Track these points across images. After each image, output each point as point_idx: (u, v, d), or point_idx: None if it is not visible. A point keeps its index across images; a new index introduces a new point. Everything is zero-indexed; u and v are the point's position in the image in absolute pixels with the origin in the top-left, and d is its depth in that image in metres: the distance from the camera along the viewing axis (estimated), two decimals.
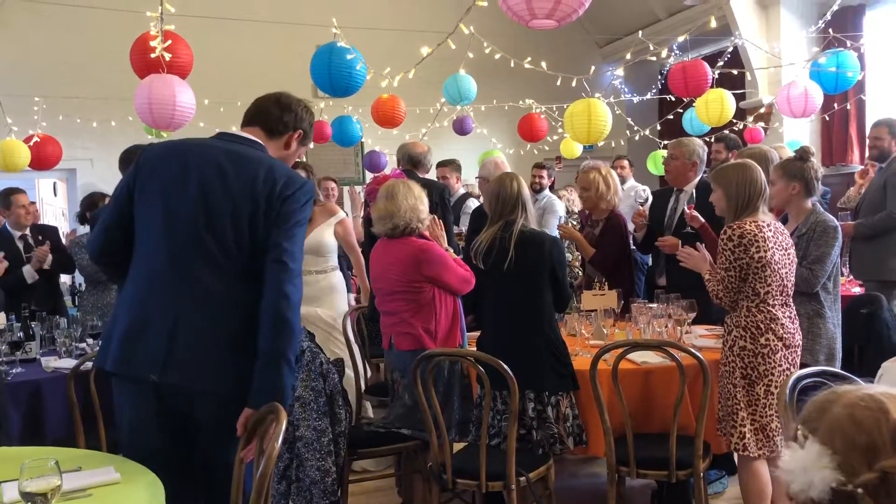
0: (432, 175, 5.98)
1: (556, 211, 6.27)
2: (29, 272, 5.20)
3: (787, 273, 3.20)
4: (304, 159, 11.08)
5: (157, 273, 2.33)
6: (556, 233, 5.08)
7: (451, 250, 3.80)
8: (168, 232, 2.33)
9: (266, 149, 2.48)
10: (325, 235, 4.39)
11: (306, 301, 4.19)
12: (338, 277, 4.50)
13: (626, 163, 7.43)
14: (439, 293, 3.57)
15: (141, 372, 2.29)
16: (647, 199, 4.78)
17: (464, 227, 5.63)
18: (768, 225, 3.17)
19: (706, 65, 6.20)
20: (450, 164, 6.44)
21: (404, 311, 3.57)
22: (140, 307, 2.33)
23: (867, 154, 5.70)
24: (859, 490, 0.99)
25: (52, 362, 3.83)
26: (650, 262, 5.12)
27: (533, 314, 3.41)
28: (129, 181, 2.41)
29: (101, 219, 2.49)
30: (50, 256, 5.24)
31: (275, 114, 2.51)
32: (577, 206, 6.71)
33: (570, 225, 5.80)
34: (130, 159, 3.91)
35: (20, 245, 5.37)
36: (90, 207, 5.36)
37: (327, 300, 4.42)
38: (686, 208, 4.26)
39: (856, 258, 5.28)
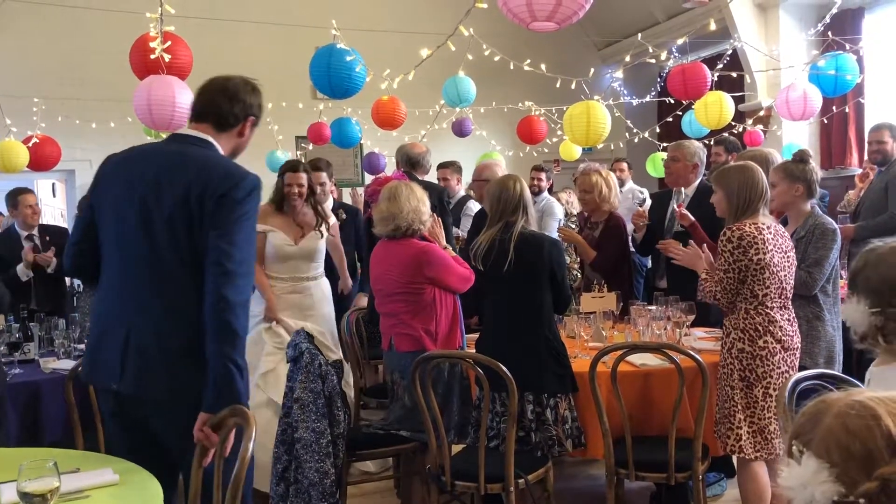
0: (432, 176, 5.98)
1: (555, 213, 6.26)
2: (22, 270, 5.19)
3: (785, 276, 3.20)
4: (304, 160, 11.10)
5: (112, 286, 2.40)
6: (555, 235, 5.08)
7: (449, 248, 3.81)
8: (118, 245, 2.37)
9: (215, 146, 2.44)
10: (319, 241, 4.36)
11: (298, 311, 4.21)
12: (326, 284, 4.47)
13: (625, 165, 7.44)
14: (440, 294, 3.57)
15: (104, 382, 2.37)
16: (644, 200, 4.79)
17: (464, 228, 5.60)
18: (768, 227, 3.17)
19: (705, 67, 6.20)
20: (450, 166, 6.44)
21: (404, 312, 3.57)
22: (101, 319, 2.42)
23: (868, 157, 5.69)
24: (861, 500, 0.99)
25: (50, 363, 3.83)
26: (649, 265, 5.12)
27: (532, 315, 3.41)
28: (89, 196, 2.48)
29: (70, 234, 2.52)
30: (54, 261, 5.23)
31: (225, 108, 2.46)
32: (576, 208, 6.70)
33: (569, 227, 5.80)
34: None
35: (27, 245, 5.37)
36: None
37: (319, 311, 4.32)
38: (675, 206, 4.27)
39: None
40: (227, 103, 2.46)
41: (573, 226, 5.17)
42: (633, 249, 4.92)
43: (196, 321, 2.27)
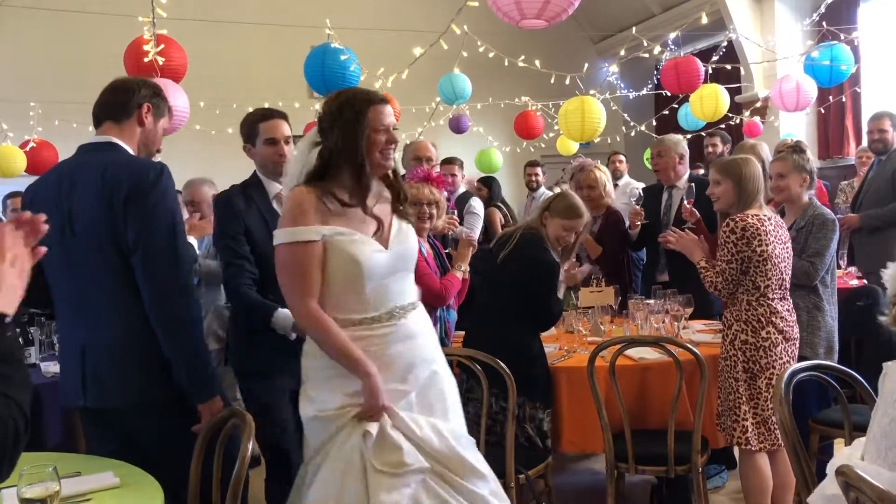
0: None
1: None
2: None
3: (785, 267, 3.21)
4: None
5: (63, 309, 2.48)
6: None
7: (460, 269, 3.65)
8: (57, 270, 2.43)
9: (118, 144, 2.47)
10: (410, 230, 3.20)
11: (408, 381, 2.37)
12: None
13: (622, 158, 7.44)
14: None
15: (71, 400, 2.44)
16: (641, 197, 4.79)
17: (469, 226, 5.39)
18: (769, 219, 3.18)
19: (698, 61, 6.20)
20: (456, 161, 6.38)
21: None
22: (62, 342, 2.53)
23: (869, 146, 5.63)
24: None
25: (51, 367, 3.83)
26: (644, 258, 5.11)
27: (495, 313, 3.43)
28: None
29: None
30: None
31: (113, 101, 2.51)
32: None
33: None
34: None
35: None
36: None
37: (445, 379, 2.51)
38: (686, 203, 4.27)
39: (860, 250, 5.24)
40: (114, 96, 2.52)
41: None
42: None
43: (137, 321, 2.33)
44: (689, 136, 8.57)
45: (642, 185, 6.34)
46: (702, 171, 6.34)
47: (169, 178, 2.39)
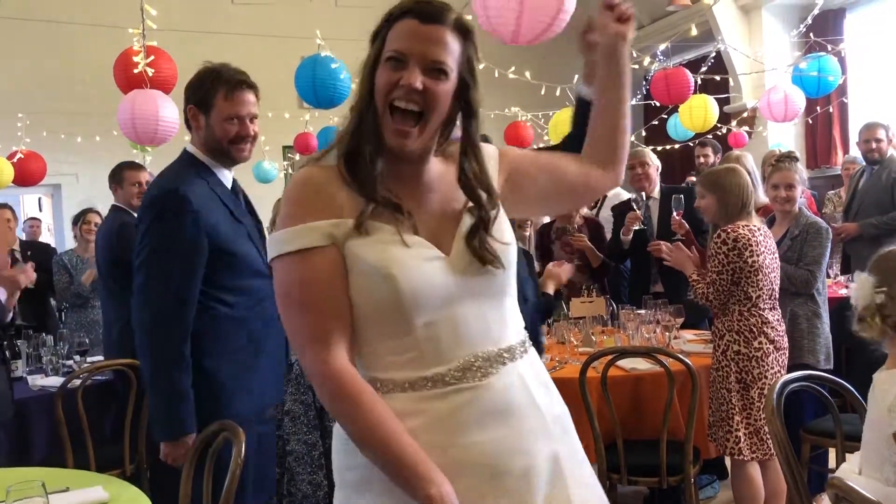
0: None
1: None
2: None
3: (774, 277, 3.23)
4: (292, 170, 11.04)
5: None
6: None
7: None
8: None
9: (187, 151, 2.48)
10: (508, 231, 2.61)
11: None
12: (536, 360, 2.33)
13: None
14: None
15: None
16: (640, 202, 4.76)
17: None
18: (759, 229, 3.21)
19: (688, 72, 6.22)
20: None
21: None
22: None
23: (863, 155, 5.63)
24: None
25: (38, 381, 3.81)
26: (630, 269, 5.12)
27: None
28: None
29: None
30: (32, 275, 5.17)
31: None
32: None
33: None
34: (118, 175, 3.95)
35: None
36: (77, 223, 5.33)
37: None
38: (675, 214, 4.28)
39: (858, 259, 5.24)
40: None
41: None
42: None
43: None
44: (678, 146, 8.67)
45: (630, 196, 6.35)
46: (694, 180, 6.36)
47: (175, 203, 2.26)
